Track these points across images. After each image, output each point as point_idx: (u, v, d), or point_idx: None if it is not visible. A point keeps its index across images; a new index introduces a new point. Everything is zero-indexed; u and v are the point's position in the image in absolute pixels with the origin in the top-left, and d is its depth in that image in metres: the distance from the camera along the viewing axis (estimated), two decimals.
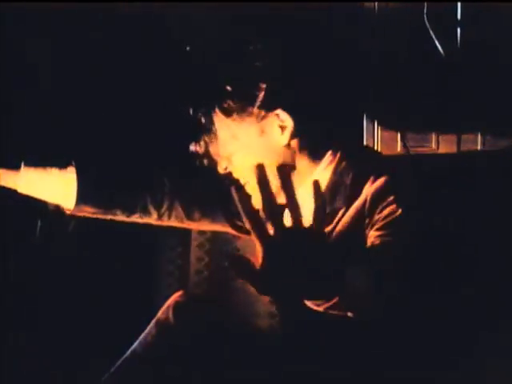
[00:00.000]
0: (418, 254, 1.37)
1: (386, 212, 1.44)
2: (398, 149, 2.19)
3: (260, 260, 1.08)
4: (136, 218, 1.75)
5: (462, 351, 1.55)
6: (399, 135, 2.19)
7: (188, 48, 2.33)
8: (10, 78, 2.17)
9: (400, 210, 1.43)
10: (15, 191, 1.65)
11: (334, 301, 1.24)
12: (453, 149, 2.18)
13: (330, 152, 1.59)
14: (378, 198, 1.47)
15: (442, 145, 2.19)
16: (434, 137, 2.20)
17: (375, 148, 2.17)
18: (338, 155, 1.58)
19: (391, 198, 1.45)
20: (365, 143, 2.17)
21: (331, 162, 1.57)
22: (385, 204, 1.45)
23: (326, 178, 1.56)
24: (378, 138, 2.19)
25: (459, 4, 2.18)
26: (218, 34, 1.64)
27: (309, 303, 1.30)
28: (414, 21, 2.17)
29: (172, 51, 2.14)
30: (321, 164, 1.59)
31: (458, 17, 2.18)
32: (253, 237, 1.10)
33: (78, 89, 2.27)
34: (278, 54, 1.53)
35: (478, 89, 2.17)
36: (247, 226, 1.10)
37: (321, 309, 1.32)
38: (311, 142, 1.58)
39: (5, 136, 1.76)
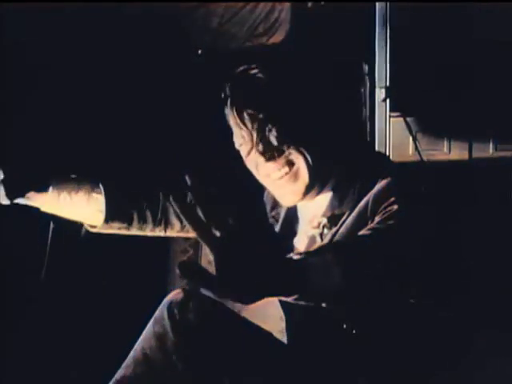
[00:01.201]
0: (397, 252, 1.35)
1: (383, 212, 1.43)
2: (410, 152, 2.19)
3: (214, 264, 1.08)
4: (159, 231, 1.75)
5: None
6: (411, 139, 2.19)
7: (200, 52, 2.36)
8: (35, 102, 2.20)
9: (395, 207, 1.42)
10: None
11: (297, 296, 1.23)
12: (464, 154, 2.18)
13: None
14: (380, 201, 1.47)
15: (453, 149, 2.19)
16: (445, 141, 2.20)
17: (386, 153, 2.16)
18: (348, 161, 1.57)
19: (392, 198, 1.45)
20: (376, 148, 2.17)
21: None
22: (386, 204, 1.46)
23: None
24: (389, 143, 2.20)
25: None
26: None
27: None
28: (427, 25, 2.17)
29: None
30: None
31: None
32: (203, 243, 1.10)
33: (104, 111, 2.29)
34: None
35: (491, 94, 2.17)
36: (194, 233, 1.09)
37: (290, 299, 1.33)
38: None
39: (31, 157, 1.76)
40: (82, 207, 1.65)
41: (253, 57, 1.55)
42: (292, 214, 1.62)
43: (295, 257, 1.23)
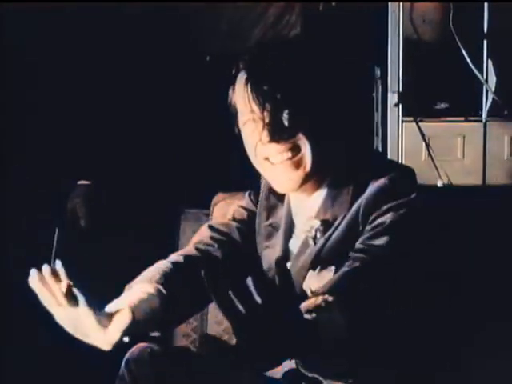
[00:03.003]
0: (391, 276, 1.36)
1: (375, 223, 1.41)
2: (423, 158, 2.18)
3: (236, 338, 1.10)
4: None
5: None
6: (424, 145, 2.17)
7: (208, 58, 2.34)
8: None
9: (387, 221, 1.39)
10: None
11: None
12: (479, 159, 2.17)
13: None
14: (370, 206, 1.44)
15: (467, 155, 2.18)
16: (459, 147, 2.18)
17: (399, 159, 2.15)
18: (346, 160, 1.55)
19: (384, 207, 1.41)
20: (389, 154, 2.15)
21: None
22: (377, 215, 1.42)
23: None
24: (402, 149, 2.18)
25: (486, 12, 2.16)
26: None
27: None
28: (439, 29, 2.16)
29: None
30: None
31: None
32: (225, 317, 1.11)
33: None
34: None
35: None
36: (217, 306, 1.11)
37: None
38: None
39: None
40: None
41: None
42: (290, 220, 1.60)
43: (306, 316, 1.21)
